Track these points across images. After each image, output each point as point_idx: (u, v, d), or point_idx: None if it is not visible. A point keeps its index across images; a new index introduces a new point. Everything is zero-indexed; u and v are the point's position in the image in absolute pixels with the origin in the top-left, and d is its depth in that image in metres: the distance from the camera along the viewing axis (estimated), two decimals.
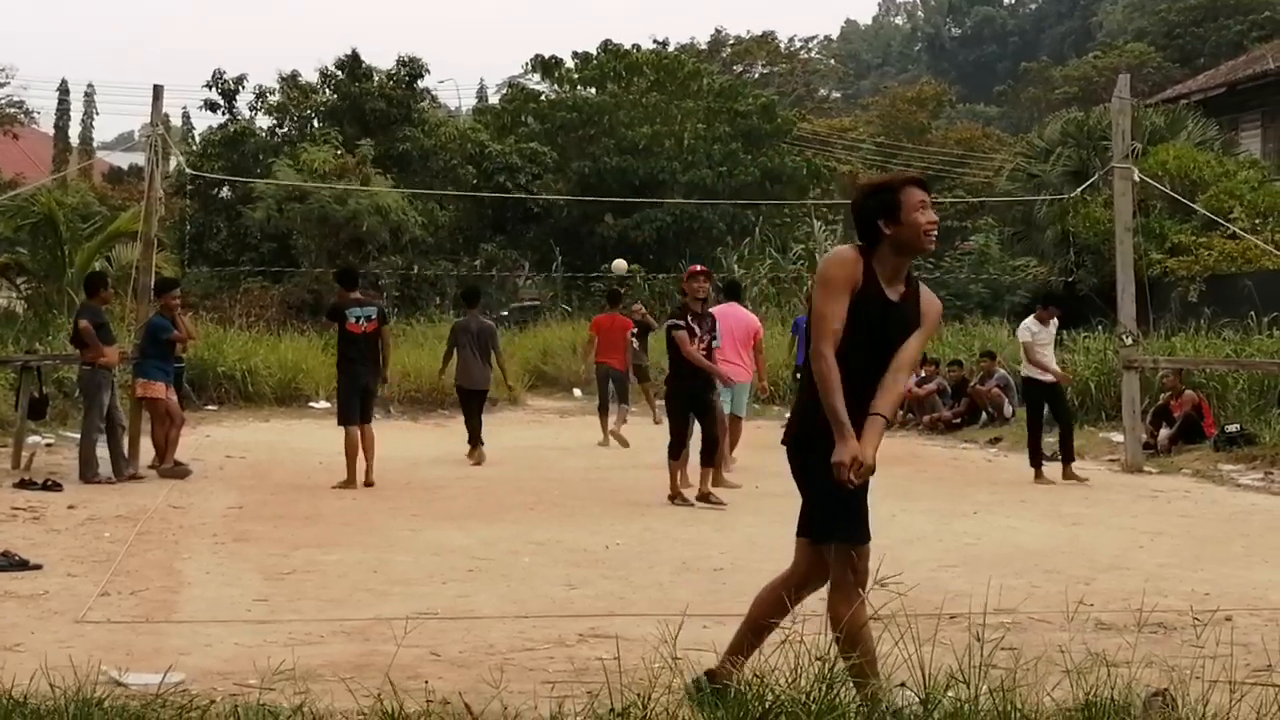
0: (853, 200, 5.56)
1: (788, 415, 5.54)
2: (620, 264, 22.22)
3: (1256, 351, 19.11)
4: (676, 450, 12.72)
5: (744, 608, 7.51)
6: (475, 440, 16.87)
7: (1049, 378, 15.30)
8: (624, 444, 18.42)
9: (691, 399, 12.76)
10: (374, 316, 14.12)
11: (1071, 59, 69.36)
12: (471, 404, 17.16)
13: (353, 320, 14.02)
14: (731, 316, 14.77)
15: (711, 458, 12.90)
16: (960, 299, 32.44)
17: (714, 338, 13.01)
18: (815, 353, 5.18)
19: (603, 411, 19.36)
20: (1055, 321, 15.76)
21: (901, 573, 5.33)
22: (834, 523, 5.24)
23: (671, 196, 36.87)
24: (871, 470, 5.09)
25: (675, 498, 12.63)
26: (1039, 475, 14.90)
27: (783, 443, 5.49)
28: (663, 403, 16.74)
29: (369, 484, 13.69)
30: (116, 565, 8.95)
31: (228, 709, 5.12)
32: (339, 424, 14.07)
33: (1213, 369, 18.26)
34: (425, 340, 26.80)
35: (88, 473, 13.50)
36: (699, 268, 13.40)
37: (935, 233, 5.38)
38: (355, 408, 13.97)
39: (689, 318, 12.73)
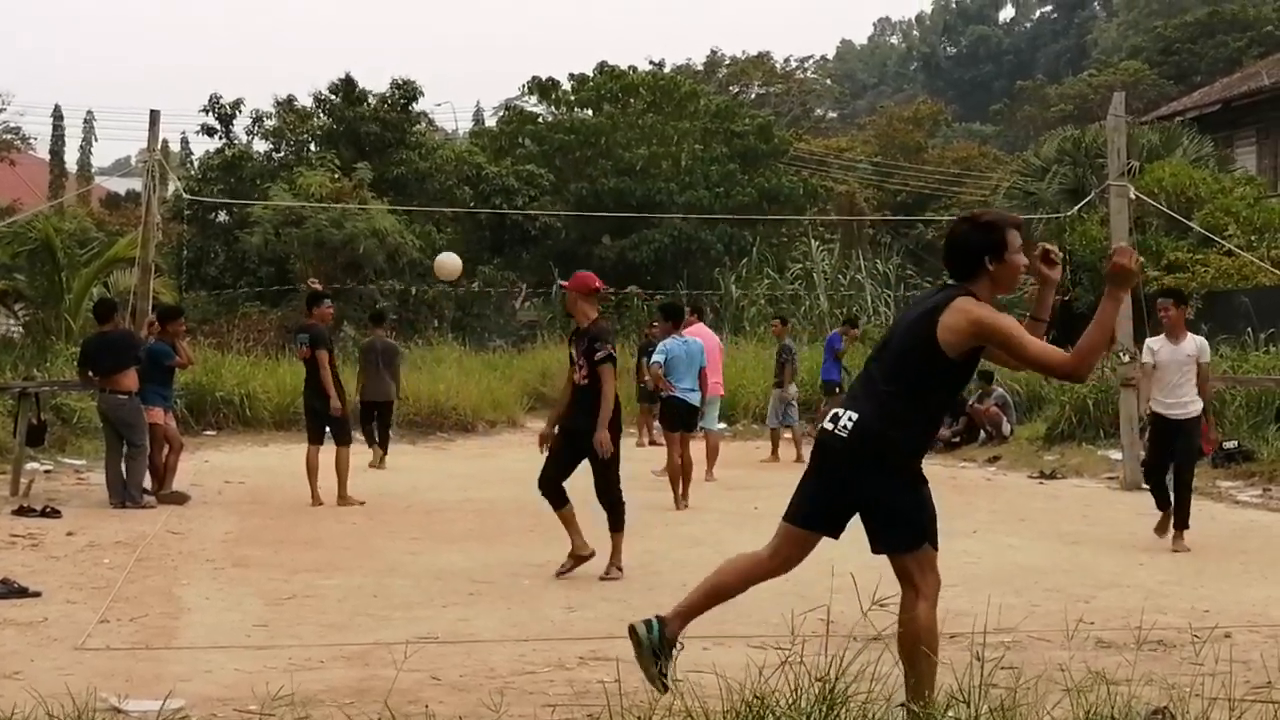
0: (955, 230, 5.70)
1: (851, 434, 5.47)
2: (445, 262, 17.38)
3: (1254, 368, 19.12)
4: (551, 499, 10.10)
5: (744, 629, 7.54)
6: (375, 445, 18.24)
7: (1180, 412, 11.71)
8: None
9: (569, 441, 10.05)
10: (305, 343, 14.46)
11: (1067, 77, 69.55)
12: (372, 414, 18.45)
13: (296, 345, 14.70)
14: (704, 334, 15.70)
15: (619, 523, 10.16)
16: None
17: (596, 359, 9.77)
18: (1081, 365, 5.38)
19: None
20: (1194, 339, 11.95)
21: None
22: (926, 529, 5.63)
23: (669, 217, 36.92)
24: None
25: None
26: (1162, 524, 11.74)
27: (852, 455, 5.51)
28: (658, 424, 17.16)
29: (318, 503, 14.03)
30: (116, 592, 8.94)
31: None
32: None
33: (1211, 385, 18.25)
34: (424, 363, 26.81)
35: (139, 497, 13.58)
36: (581, 273, 10.51)
37: (1022, 276, 5.61)
38: (310, 429, 14.57)
39: (570, 339, 10.30)
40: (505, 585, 9.38)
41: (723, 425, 16.71)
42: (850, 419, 5.45)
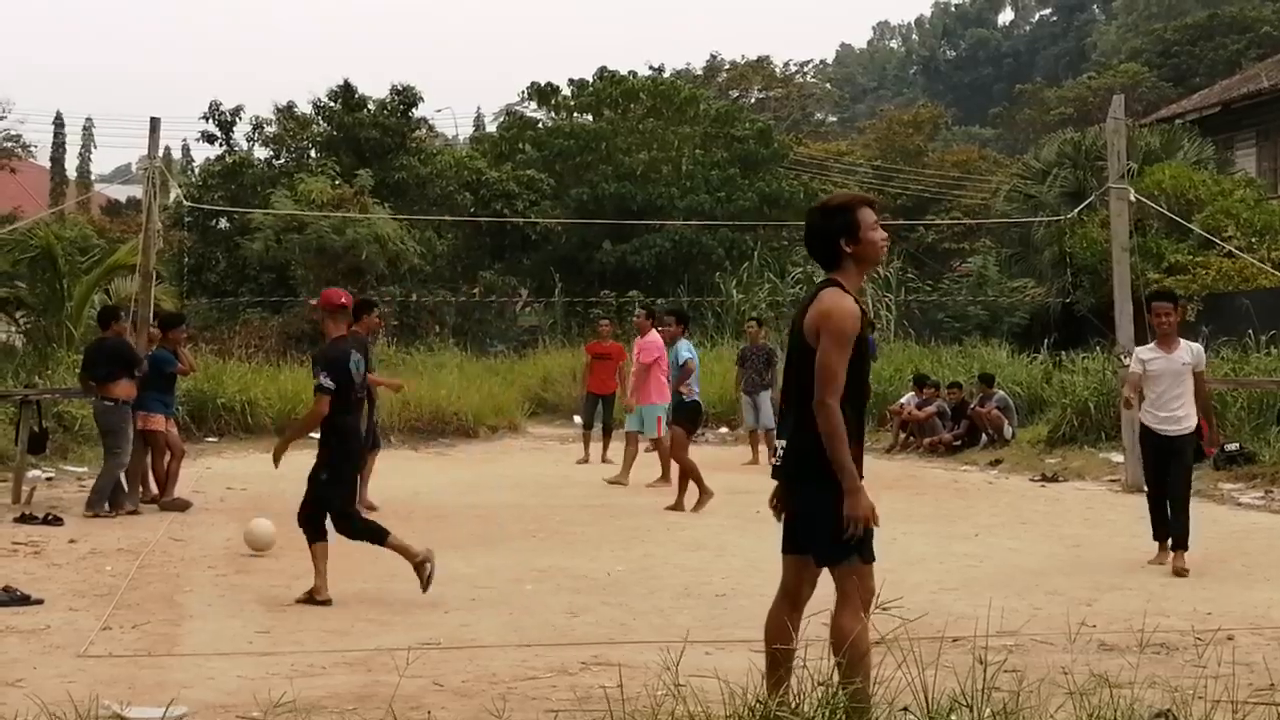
0: (809, 222, 5.80)
1: (784, 457, 5.59)
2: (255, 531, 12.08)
3: (1255, 370, 19.11)
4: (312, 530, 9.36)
5: (746, 633, 7.53)
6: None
7: (1174, 428, 10.60)
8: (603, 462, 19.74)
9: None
10: None
11: (1066, 80, 69.50)
12: None
13: None
14: (657, 340, 16.36)
15: (312, 535, 9.34)
16: (959, 321, 32.47)
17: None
18: (824, 405, 5.36)
19: (586, 430, 20.75)
20: (1189, 347, 10.86)
21: (903, 596, 5.35)
22: (850, 541, 5.42)
23: (669, 222, 36.89)
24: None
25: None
26: (1160, 552, 10.63)
27: (784, 476, 5.62)
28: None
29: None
30: (118, 599, 8.94)
31: None
32: None
33: (1211, 388, 18.23)
34: (425, 369, 26.80)
35: (99, 505, 13.50)
36: (327, 290, 10.04)
37: (887, 248, 5.77)
38: None
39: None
40: (507, 590, 9.38)
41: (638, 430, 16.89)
42: (782, 445, 5.65)
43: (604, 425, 20.70)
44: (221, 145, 37.23)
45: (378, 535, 9.28)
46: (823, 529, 5.46)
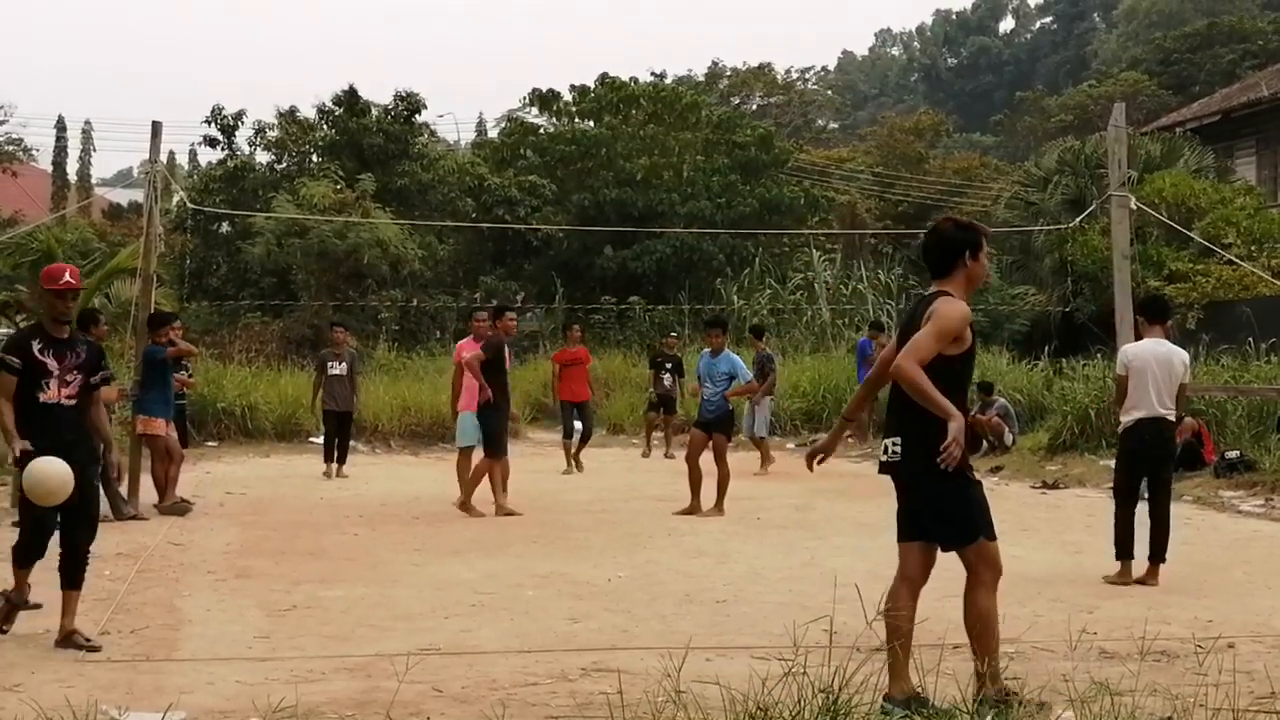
0: (941, 227, 6.43)
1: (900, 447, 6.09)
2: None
3: (1255, 378, 19.10)
4: (23, 555, 8.16)
5: (747, 640, 7.52)
6: (340, 459, 18.58)
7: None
8: (578, 469, 19.82)
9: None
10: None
11: (1067, 88, 69.56)
12: (340, 424, 18.79)
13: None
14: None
15: (73, 578, 8.00)
16: None
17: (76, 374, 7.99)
18: (899, 367, 5.89)
19: (568, 440, 20.55)
20: (1168, 345, 10.45)
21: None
22: (981, 523, 6.19)
23: (671, 228, 36.90)
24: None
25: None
26: (1120, 574, 10.15)
27: (905, 473, 6.10)
28: (681, 437, 17.12)
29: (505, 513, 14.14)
30: (117, 603, 8.94)
31: None
32: None
33: (1212, 396, 18.24)
34: (425, 374, 26.81)
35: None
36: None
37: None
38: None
39: (34, 343, 7.95)
40: (507, 596, 9.36)
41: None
42: (893, 443, 6.12)
43: (584, 432, 20.66)
44: (224, 149, 37.28)
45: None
46: (950, 516, 6.05)
